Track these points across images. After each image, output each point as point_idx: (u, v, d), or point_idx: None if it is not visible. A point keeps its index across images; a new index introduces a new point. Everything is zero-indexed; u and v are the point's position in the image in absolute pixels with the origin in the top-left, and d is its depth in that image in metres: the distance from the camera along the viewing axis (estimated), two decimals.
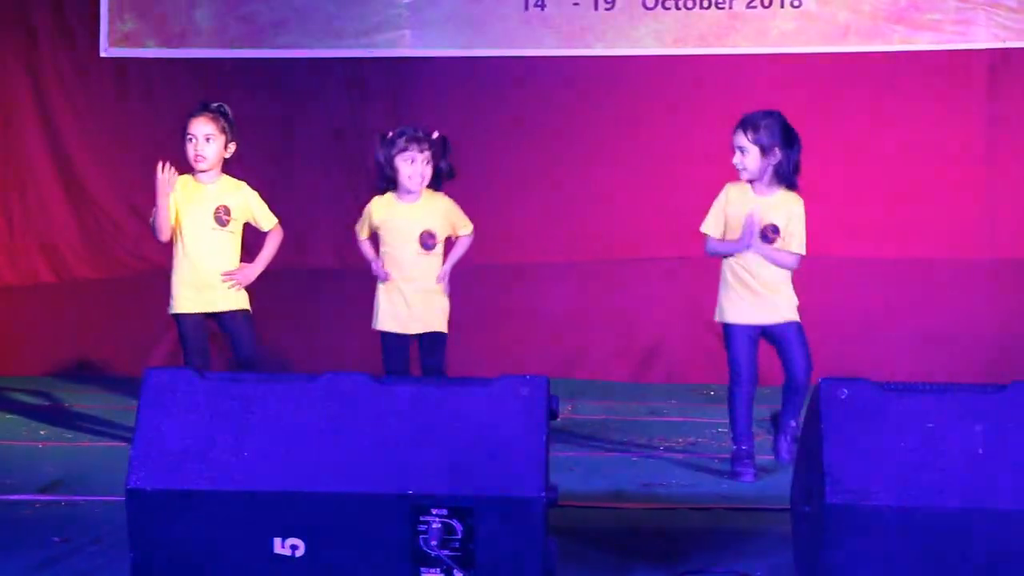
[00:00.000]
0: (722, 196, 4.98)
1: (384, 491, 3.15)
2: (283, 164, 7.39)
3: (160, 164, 5.21)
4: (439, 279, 5.21)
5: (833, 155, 7.30)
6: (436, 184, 5.27)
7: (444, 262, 5.26)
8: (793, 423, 4.87)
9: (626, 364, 7.33)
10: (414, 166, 5.17)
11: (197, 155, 5.22)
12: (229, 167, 5.35)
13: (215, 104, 5.33)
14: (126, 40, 7.61)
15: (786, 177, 4.86)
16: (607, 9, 7.35)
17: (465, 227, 5.33)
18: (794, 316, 4.90)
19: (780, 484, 4.55)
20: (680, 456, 5.23)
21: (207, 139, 5.22)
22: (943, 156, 7.27)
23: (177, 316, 5.25)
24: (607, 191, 7.39)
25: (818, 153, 7.33)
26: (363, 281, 5.49)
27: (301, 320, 7.38)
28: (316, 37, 7.54)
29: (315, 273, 7.41)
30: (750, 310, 4.87)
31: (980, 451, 3.11)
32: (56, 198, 7.62)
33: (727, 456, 5.00)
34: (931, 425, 3.14)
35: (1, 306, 7.53)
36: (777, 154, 4.81)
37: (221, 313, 5.23)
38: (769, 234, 4.86)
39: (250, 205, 5.32)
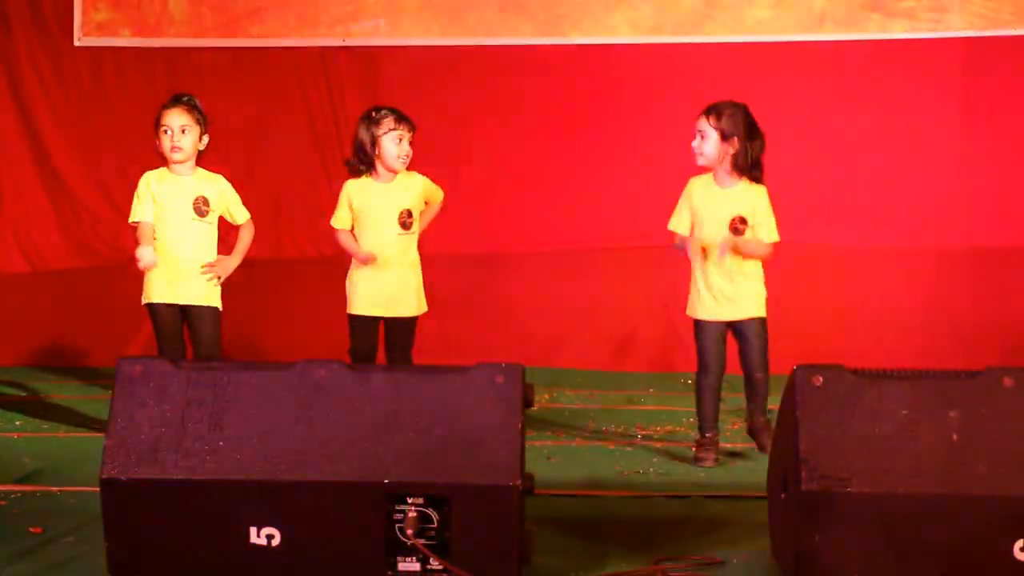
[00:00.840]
0: (686, 192, 5.02)
1: (359, 480, 3.15)
2: (258, 154, 7.37)
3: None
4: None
5: (809, 143, 7.32)
6: None
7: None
8: (763, 418, 4.91)
9: (604, 353, 7.34)
10: (402, 145, 5.17)
11: (174, 146, 5.18)
12: (202, 159, 5.32)
13: (186, 96, 5.30)
14: (100, 29, 7.57)
15: (745, 169, 4.88)
16: None
17: (438, 194, 5.35)
18: (759, 312, 4.92)
19: (756, 472, 4.57)
20: (657, 444, 5.24)
21: (183, 130, 5.18)
22: (918, 144, 7.30)
23: (151, 306, 5.21)
24: (584, 179, 7.40)
25: (794, 141, 7.36)
26: (339, 269, 5.48)
27: (277, 310, 7.36)
28: (291, 26, 7.51)
29: (290, 262, 7.40)
30: (716, 307, 4.91)
31: (955, 437, 3.13)
32: (32, 187, 7.58)
33: None
34: (906, 411, 3.15)
35: None
36: (736, 144, 4.83)
37: (190, 307, 5.20)
38: (738, 225, 4.88)
39: (226, 198, 5.29)
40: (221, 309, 5.27)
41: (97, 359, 7.24)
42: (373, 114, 5.24)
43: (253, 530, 3.17)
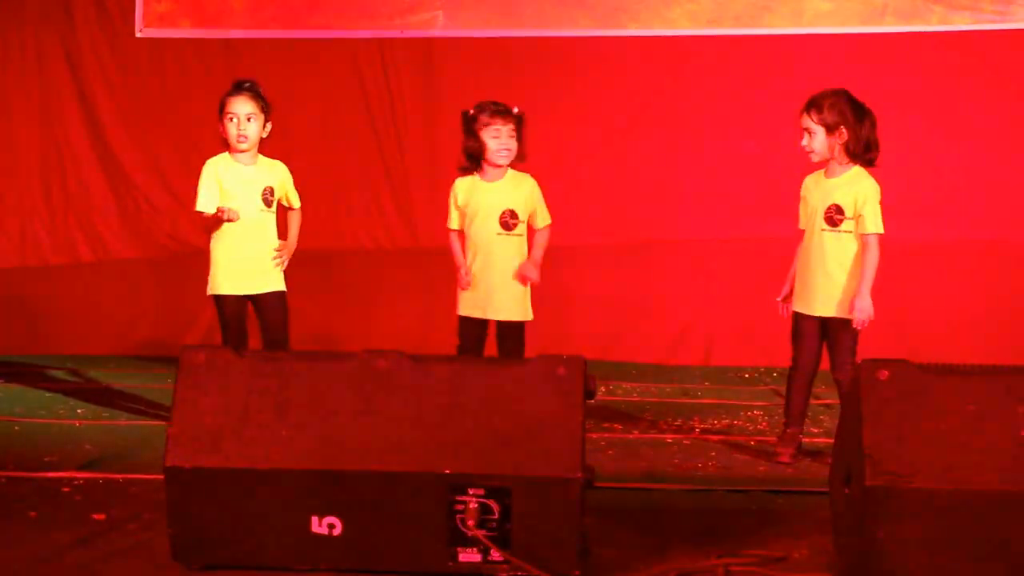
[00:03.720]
0: (802, 190, 4.91)
1: (421, 470, 3.15)
2: (317, 143, 7.40)
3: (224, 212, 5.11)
4: (523, 272, 5.02)
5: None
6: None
7: (529, 252, 5.09)
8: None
9: (660, 346, 7.31)
10: (499, 139, 5.06)
11: (240, 135, 5.14)
12: (263, 147, 5.33)
13: (248, 83, 5.25)
14: (161, 21, 7.63)
15: (858, 154, 4.75)
16: None
17: (543, 219, 5.14)
18: (842, 312, 4.71)
19: (816, 467, 4.54)
20: (715, 438, 5.21)
21: (248, 118, 5.14)
22: (982, 138, 7.21)
23: (219, 298, 5.17)
24: (642, 173, 7.37)
25: None
26: (397, 260, 5.48)
27: (335, 301, 7.40)
28: (349, 17, 7.54)
29: (348, 253, 7.43)
30: (809, 300, 4.77)
31: (1022, 433, 3.08)
32: (95, 179, 7.68)
33: (762, 438, 4.98)
34: (972, 407, 3.11)
35: (41, 285, 7.59)
36: (844, 133, 4.74)
37: (260, 295, 5.18)
38: (834, 216, 4.78)
39: (286, 184, 5.29)
40: (286, 291, 5.26)
41: (158, 347, 7.31)
42: (470, 112, 5.09)
43: (315, 519, 3.18)
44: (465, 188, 5.12)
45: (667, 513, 3.92)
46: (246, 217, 5.14)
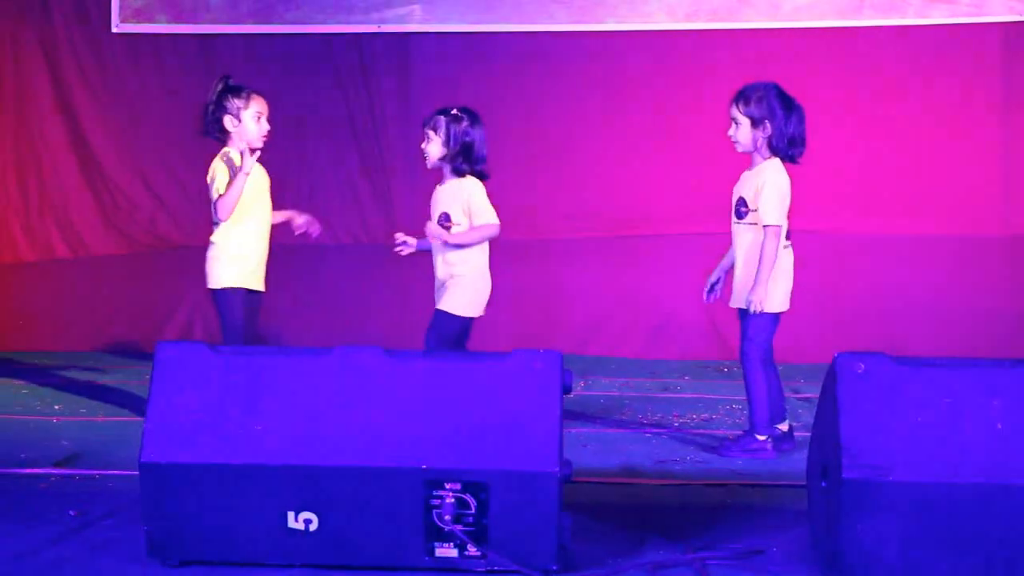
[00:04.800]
0: None
1: (398, 465, 3.14)
2: (293, 139, 7.38)
3: (248, 151, 5.06)
4: (431, 233, 4.97)
5: (847, 130, 7.27)
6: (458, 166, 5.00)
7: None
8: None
9: (639, 340, 7.32)
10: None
11: (264, 134, 5.16)
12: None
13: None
14: (137, 15, 7.60)
15: (781, 149, 4.80)
16: None
17: (483, 219, 4.99)
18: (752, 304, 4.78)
19: (795, 460, 4.54)
20: (694, 432, 5.21)
21: (267, 119, 5.16)
22: (958, 131, 7.24)
23: (230, 290, 5.11)
24: (618, 167, 7.38)
25: (832, 129, 7.31)
26: (375, 255, 5.48)
27: (313, 296, 7.38)
28: (326, 12, 7.52)
29: (326, 248, 7.41)
30: (732, 292, 4.88)
31: (998, 426, 3.09)
32: (71, 174, 7.64)
33: (741, 432, 4.98)
34: (948, 400, 3.12)
35: (17, 281, 7.55)
36: (768, 127, 4.77)
37: (257, 292, 5.18)
38: (740, 208, 4.82)
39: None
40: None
41: (135, 343, 7.29)
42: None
43: (291, 515, 3.17)
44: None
45: (645, 508, 3.93)
46: (265, 215, 5.18)
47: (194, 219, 7.57)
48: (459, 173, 5.00)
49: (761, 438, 4.76)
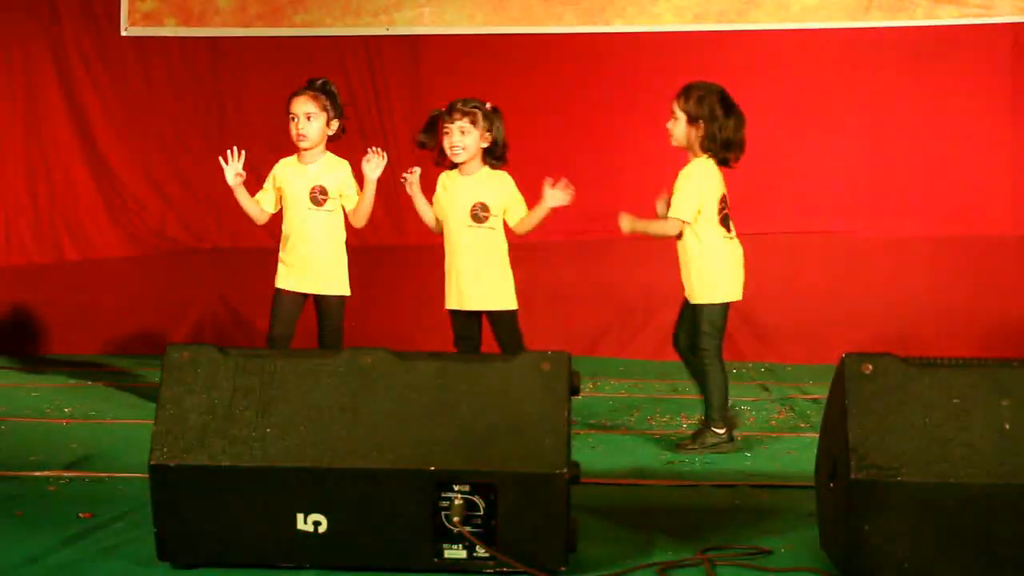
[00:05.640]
0: None
1: (406, 467, 3.14)
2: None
3: (227, 153, 5.15)
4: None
5: (855, 132, 7.26)
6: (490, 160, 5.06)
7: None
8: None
9: (648, 342, 7.32)
10: (448, 137, 5.04)
11: (299, 134, 5.19)
12: (332, 144, 5.32)
13: (319, 81, 5.28)
14: (146, 19, 7.62)
15: (715, 151, 4.85)
16: None
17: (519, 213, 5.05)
18: (702, 299, 4.87)
19: (803, 461, 4.54)
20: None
21: (308, 117, 5.18)
22: (967, 132, 7.23)
23: (276, 290, 5.21)
24: (628, 168, 7.37)
25: (839, 130, 7.32)
26: (384, 257, 5.48)
27: None
28: (334, 15, 7.53)
29: None
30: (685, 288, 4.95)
31: (1006, 426, 3.09)
32: (81, 177, 7.66)
33: (749, 433, 4.98)
34: (957, 400, 3.12)
35: (27, 284, 7.57)
36: (702, 127, 4.79)
37: (319, 296, 5.21)
38: (668, 200, 4.91)
39: (343, 184, 5.26)
40: (347, 295, 5.27)
41: (145, 346, 7.30)
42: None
43: (300, 517, 3.18)
44: (440, 182, 5.15)
45: (653, 509, 3.93)
46: (293, 214, 5.21)
47: (203, 221, 7.60)
48: (493, 166, 5.06)
49: (720, 431, 4.80)
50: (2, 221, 7.64)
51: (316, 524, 3.18)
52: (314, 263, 5.20)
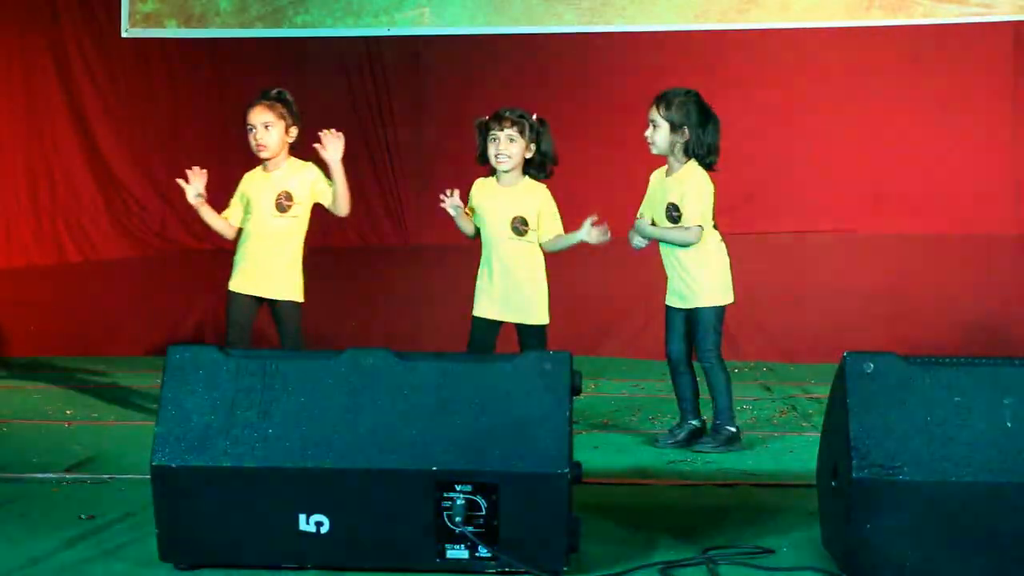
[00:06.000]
0: (649, 184, 5.06)
1: (408, 467, 3.14)
2: (305, 144, 7.39)
3: (187, 173, 5.19)
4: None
5: (856, 130, 7.26)
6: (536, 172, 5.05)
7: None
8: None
9: (649, 342, 7.31)
10: (495, 144, 4.99)
11: (258, 144, 5.20)
12: (294, 150, 5.31)
13: (274, 91, 5.29)
14: (147, 20, 7.63)
15: (699, 157, 4.87)
16: None
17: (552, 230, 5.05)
18: (704, 302, 4.88)
19: (805, 460, 4.54)
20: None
21: (266, 127, 5.19)
22: (968, 130, 7.23)
23: (230, 293, 5.24)
24: (629, 168, 7.35)
25: (841, 128, 7.31)
26: (386, 258, 5.48)
27: (323, 299, 7.38)
28: (335, 16, 7.53)
29: (337, 251, 7.43)
30: (671, 296, 4.97)
31: (1009, 425, 3.09)
32: (81, 178, 7.67)
33: (750, 432, 4.99)
34: (958, 399, 3.12)
35: (28, 285, 7.58)
36: (686, 133, 4.81)
37: (274, 301, 5.22)
38: (672, 213, 4.89)
39: (314, 185, 5.25)
40: (301, 302, 5.26)
41: (146, 347, 7.31)
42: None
43: (302, 517, 3.18)
44: (477, 189, 5.10)
45: (655, 508, 3.93)
46: (256, 222, 5.21)
47: (203, 222, 7.60)
48: (535, 177, 5.06)
49: (732, 429, 4.82)
50: (3, 222, 7.64)
51: (318, 524, 3.18)
52: (273, 270, 5.20)
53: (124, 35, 7.63)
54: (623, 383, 6.50)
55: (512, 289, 5.00)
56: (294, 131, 5.27)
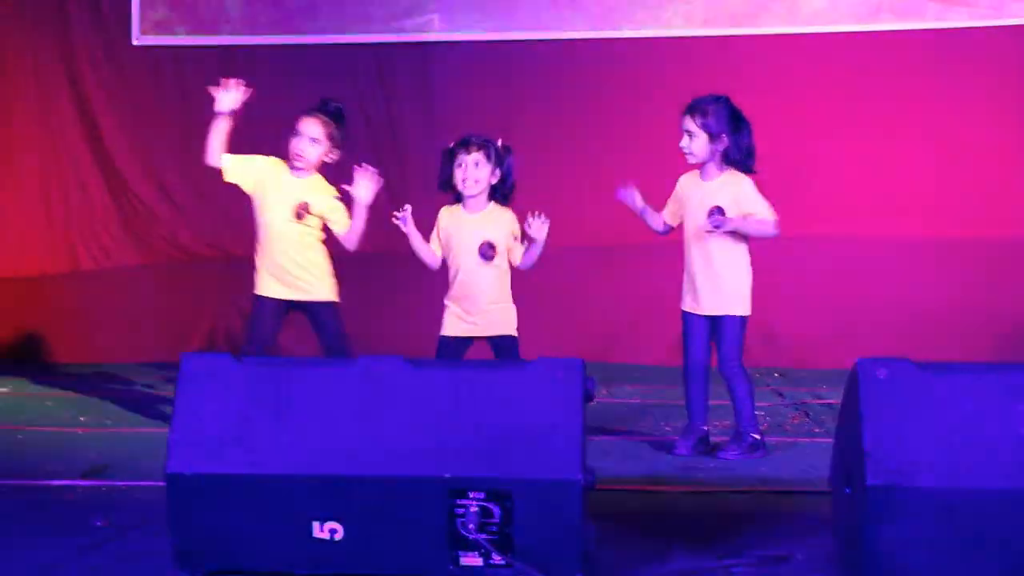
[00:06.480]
0: (678, 188, 5.05)
1: (421, 474, 3.15)
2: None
3: (228, 82, 5.15)
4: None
5: (866, 135, 7.26)
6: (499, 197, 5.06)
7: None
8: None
9: (662, 348, 7.31)
10: (460, 169, 5.00)
11: (296, 153, 5.18)
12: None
13: (333, 106, 5.26)
14: (157, 28, 7.65)
15: (737, 162, 4.86)
16: None
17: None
18: (734, 310, 4.89)
19: (818, 466, 4.54)
20: (717, 439, 5.20)
21: (312, 140, 5.17)
22: (978, 134, 7.22)
23: (255, 297, 5.21)
24: (640, 173, 7.35)
25: (851, 132, 7.31)
26: (396, 265, 5.49)
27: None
28: (345, 22, 7.55)
29: (347, 259, 7.42)
30: (696, 300, 4.96)
31: (1022, 430, 3.08)
32: (93, 186, 7.70)
33: (765, 439, 4.99)
34: (972, 405, 3.11)
35: (41, 293, 7.60)
36: (724, 140, 4.81)
37: (306, 303, 5.20)
38: (716, 215, 4.87)
39: (325, 207, 5.23)
40: (337, 301, 5.25)
41: (158, 354, 7.32)
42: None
43: (316, 524, 3.18)
44: (446, 216, 5.10)
45: (669, 515, 3.93)
46: (273, 223, 5.18)
47: (215, 230, 7.62)
48: (500, 203, 5.06)
49: (757, 436, 4.82)
50: (17, 231, 7.66)
51: (332, 532, 3.18)
52: (295, 271, 5.19)
53: (135, 42, 7.65)
54: (635, 389, 6.50)
55: (487, 308, 5.01)
56: (335, 155, 5.24)
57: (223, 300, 7.60)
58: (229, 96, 5.19)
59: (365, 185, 5.14)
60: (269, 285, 5.20)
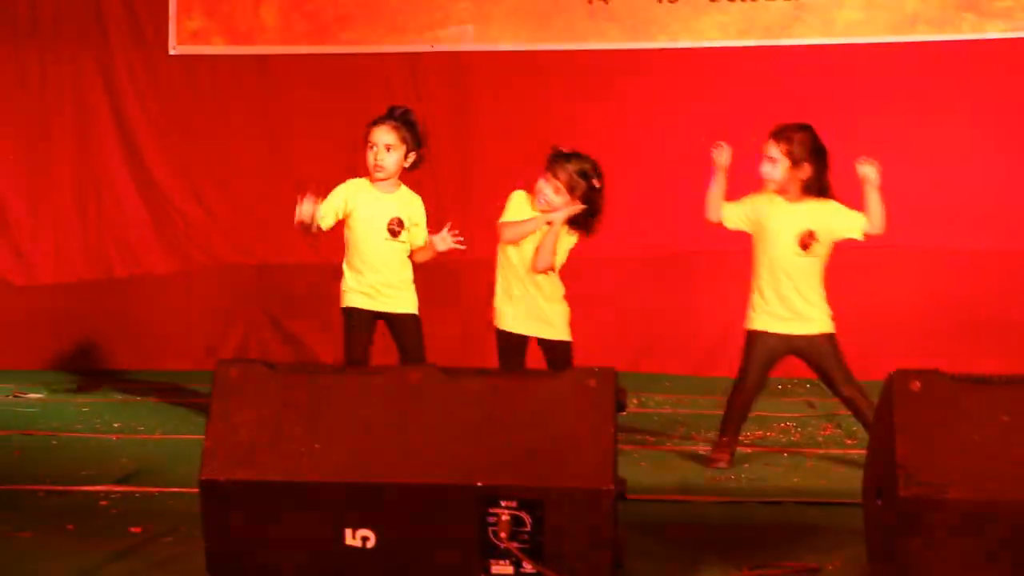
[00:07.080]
0: (752, 200, 5.05)
1: (453, 483, 3.16)
2: (348, 161, 7.44)
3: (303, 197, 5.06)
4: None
5: (901, 146, 7.22)
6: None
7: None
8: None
9: (693, 358, 7.30)
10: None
11: (376, 164, 5.14)
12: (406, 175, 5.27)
13: (400, 111, 5.22)
14: (194, 38, 7.71)
15: (817, 192, 4.89)
16: (671, 1, 7.33)
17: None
18: (831, 327, 4.92)
19: (850, 478, 4.52)
20: (748, 450, 5.19)
21: (388, 148, 5.13)
22: (1013, 146, 7.17)
23: (346, 310, 5.15)
24: (672, 183, 7.37)
25: (887, 144, 7.27)
26: (430, 274, 5.50)
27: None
28: (380, 33, 7.58)
29: None
30: (774, 322, 4.93)
31: None
32: (129, 194, 7.75)
33: (796, 449, 4.97)
34: (1006, 417, 3.10)
35: (75, 300, 7.66)
36: (807, 169, 4.81)
37: (390, 315, 5.16)
38: (808, 240, 4.86)
39: (414, 219, 5.22)
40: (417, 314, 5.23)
41: (192, 362, 7.36)
42: None
43: (348, 532, 3.20)
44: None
45: (700, 525, 3.92)
46: (368, 243, 5.15)
47: (249, 237, 7.66)
48: (587, 234, 5.48)
49: None
50: (52, 239, 7.73)
51: (364, 539, 3.19)
52: (386, 290, 5.15)
53: (172, 52, 7.71)
54: (667, 399, 6.49)
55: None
56: (413, 157, 5.18)
57: (256, 307, 7.64)
58: (307, 208, 5.04)
59: (447, 246, 5.24)
60: (359, 300, 5.14)
